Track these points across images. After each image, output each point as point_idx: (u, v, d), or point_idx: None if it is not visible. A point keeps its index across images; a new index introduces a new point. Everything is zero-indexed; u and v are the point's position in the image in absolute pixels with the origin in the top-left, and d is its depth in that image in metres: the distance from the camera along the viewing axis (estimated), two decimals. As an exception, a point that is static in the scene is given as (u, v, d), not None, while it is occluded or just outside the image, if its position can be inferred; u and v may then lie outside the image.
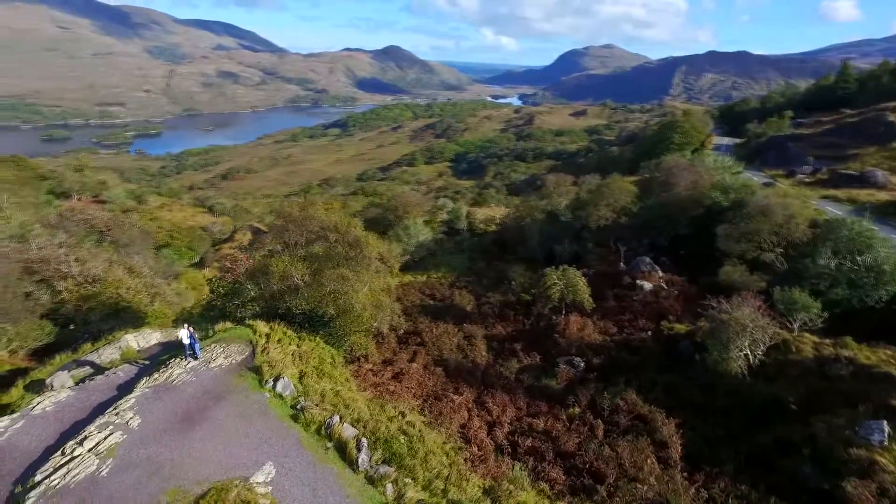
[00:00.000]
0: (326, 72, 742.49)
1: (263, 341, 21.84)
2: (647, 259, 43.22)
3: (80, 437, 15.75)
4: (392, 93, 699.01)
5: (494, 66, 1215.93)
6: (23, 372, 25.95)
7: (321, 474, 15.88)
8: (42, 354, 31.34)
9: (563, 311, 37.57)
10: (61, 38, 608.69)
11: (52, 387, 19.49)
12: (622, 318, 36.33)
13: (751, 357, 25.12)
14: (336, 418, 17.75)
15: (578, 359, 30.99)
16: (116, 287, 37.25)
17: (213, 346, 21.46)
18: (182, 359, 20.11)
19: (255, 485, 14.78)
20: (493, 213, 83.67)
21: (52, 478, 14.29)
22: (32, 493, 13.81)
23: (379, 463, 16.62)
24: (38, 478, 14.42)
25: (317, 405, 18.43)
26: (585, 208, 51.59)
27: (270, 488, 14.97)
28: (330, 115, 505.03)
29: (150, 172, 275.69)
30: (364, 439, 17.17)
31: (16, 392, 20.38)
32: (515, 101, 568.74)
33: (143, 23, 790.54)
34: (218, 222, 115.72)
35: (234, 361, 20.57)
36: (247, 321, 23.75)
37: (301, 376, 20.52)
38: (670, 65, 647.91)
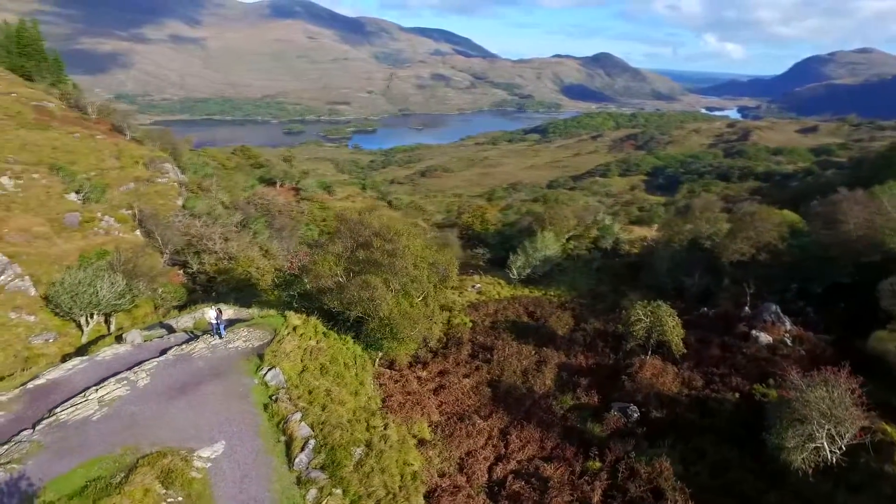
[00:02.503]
0: (534, 77, 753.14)
1: (286, 332, 24.03)
2: (774, 307, 36.38)
3: (100, 386, 19.39)
4: (598, 100, 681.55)
5: (714, 74, 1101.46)
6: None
7: (259, 464, 17.21)
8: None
9: (649, 352, 33.68)
10: (309, 46, 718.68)
11: (124, 341, 24.08)
12: (715, 370, 31.25)
13: (827, 453, 19.87)
14: (297, 416, 18.94)
15: (634, 408, 27.71)
16: (248, 265, 43.59)
17: (242, 329, 24.32)
18: (210, 336, 23.26)
19: (196, 458, 16.67)
20: (651, 234, 77.58)
21: (63, 413, 17.95)
22: (44, 422, 17.54)
23: (315, 467, 17.34)
24: (57, 410, 18.22)
25: (289, 399, 19.84)
26: (722, 239, 45.09)
27: (210, 464, 16.73)
28: (532, 121, 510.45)
29: (360, 165, 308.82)
30: (313, 441, 18.05)
31: (108, 340, 25.62)
32: (733, 114, 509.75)
33: (375, 31, 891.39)
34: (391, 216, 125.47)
35: (251, 346, 23.11)
36: (285, 312, 26.31)
37: (302, 371, 22.18)
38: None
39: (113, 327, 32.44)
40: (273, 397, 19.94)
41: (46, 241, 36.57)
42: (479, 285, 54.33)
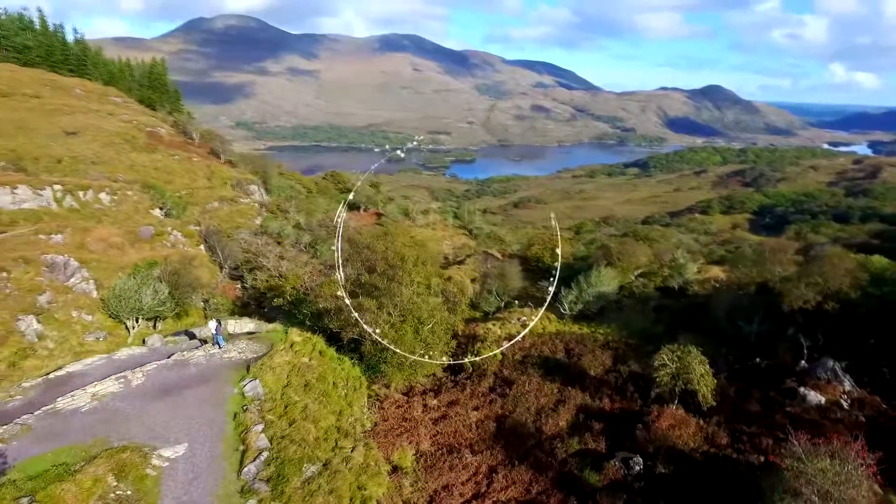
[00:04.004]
0: (637, 110, 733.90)
1: (280, 347, 25.18)
2: (832, 364, 32.37)
3: (99, 381, 21.48)
4: (705, 134, 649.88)
5: (841, 107, 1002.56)
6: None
7: (212, 469, 18.14)
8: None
9: (675, 400, 31.14)
10: (414, 77, 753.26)
11: (145, 343, 26.49)
12: (745, 428, 28.21)
13: (828, 534, 17.24)
14: (258, 427, 19.74)
15: (638, 460, 25.73)
16: (296, 283, 46.04)
17: (242, 341, 25.81)
18: (211, 345, 24.94)
19: (155, 456, 17.93)
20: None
21: (61, 402, 20.09)
22: (43, 408, 19.74)
23: (261, 479, 17.94)
24: (58, 399, 20.44)
25: (259, 411, 20.71)
26: (785, 283, 40.96)
27: (166, 464, 17.91)
28: (634, 154, 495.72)
29: (455, 194, 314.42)
30: (265, 453, 18.72)
31: (136, 342, 28.23)
32: (862, 150, 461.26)
33: (478, 64, 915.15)
34: (467, 245, 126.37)
35: (244, 357, 24.46)
36: (288, 328, 27.55)
37: (286, 385, 23.07)
38: None
39: (159, 331, 35.64)
40: (244, 407, 20.98)
41: (119, 250, 41.20)
42: (524, 318, 53.26)
